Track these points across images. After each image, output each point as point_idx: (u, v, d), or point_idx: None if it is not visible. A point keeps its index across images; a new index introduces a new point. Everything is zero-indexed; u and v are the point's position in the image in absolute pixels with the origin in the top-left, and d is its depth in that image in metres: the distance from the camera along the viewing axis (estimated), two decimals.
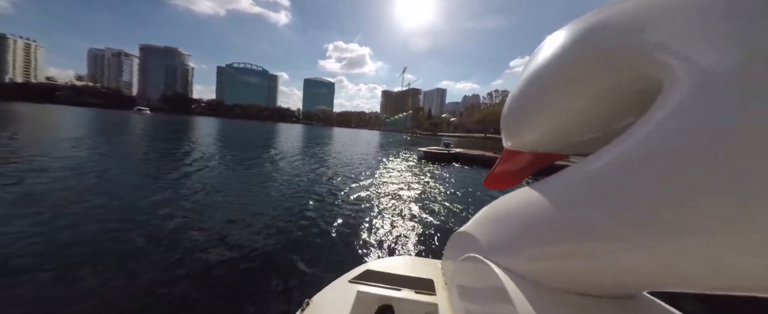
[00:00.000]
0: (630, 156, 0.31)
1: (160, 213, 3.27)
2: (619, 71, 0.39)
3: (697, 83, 0.26)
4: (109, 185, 4.28)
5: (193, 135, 15.11)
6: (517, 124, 0.61)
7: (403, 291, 0.78)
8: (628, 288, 0.39)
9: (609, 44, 0.39)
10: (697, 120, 0.25)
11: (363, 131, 79.67)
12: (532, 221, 0.43)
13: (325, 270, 2.28)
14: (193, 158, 7.65)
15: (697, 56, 0.27)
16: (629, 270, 0.31)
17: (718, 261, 0.24)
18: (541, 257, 0.40)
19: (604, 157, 0.34)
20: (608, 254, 0.31)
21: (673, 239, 0.25)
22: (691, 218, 0.24)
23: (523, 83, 0.57)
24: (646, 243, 0.27)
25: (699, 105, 0.26)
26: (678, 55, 0.29)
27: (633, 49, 0.36)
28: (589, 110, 0.46)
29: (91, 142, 8.85)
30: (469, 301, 0.58)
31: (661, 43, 0.32)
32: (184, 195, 4.07)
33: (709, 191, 0.23)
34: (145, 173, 5.34)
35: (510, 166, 0.71)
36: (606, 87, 0.42)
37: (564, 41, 0.48)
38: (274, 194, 4.57)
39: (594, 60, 0.42)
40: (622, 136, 0.33)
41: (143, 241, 2.58)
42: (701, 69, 0.27)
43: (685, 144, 0.25)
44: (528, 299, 0.38)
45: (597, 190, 0.33)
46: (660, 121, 0.29)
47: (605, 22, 0.41)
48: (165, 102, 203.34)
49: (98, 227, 2.79)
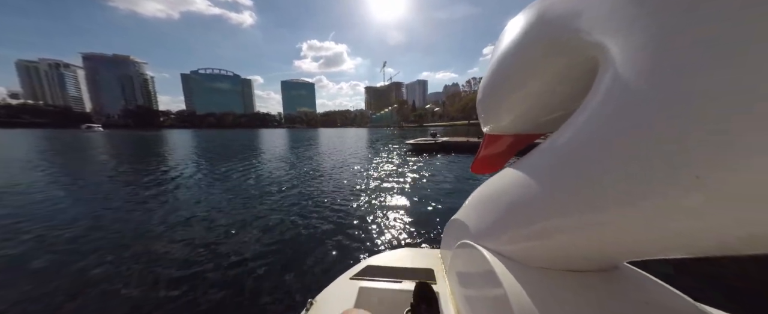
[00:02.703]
0: (580, 134, 0.33)
1: (170, 221, 3.26)
2: (566, 54, 0.41)
3: (624, 63, 0.28)
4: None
5: (163, 150, 13.60)
6: (490, 108, 0.63)
7: (405, 282, 0.79)
8: (606, 260, 0.40)
9: (554, 29, 0.42)
10: (626, 97, 0.27)
11: (349, 130, 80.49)
12: (511, 203, 0.45)
13: (326, 270, 2.27)
14: (168, 174, 6.87)
15: (623, 37, 0.29)
16: (600, 242, 0.32)
17: (672, 226, 0.25)
18: (524, 237, 0.41)
19: (561, 136, 0.36)
20: (577, 228, 0.32)
21: (625, 208, 0.27)
22: (635, 188, 0.25)
23: (490, 69, 0.59)
24: (607, 214, 0.29)
25: (626, 83, 0.27)
26: (608, 37, 0.31)
27: (572, 33, 0.38)
28: (549, 91, 0.49)
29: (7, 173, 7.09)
30: (466, 287, 0.59)
31: (595, 27, 0.34)
32: (172, 212, 3.79)
33: (639, 162, 0.25)
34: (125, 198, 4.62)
35: (493, 150, 0.73)
36: (559, 69, 0.44)
37: (519, 28, 0.51)
38: (264, 203, 4.26)
39: (545, 45, 0.45)
40: (574, 115, 0.35)
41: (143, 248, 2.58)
42: (626, 49, 0.28)
43: (620, 120, 0.27)
44: (517, 280, 0.39)
45: (558, 168, 0.35)
46: (599, 99, 0.31)
47: (550, 8, 0.44)
48: (128, 117, 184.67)
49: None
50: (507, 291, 0.37)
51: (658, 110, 0.24)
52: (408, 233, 2.98)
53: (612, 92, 0.29)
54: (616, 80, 0.29)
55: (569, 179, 0.33)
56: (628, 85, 0.27)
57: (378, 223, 3.28)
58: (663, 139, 0.23)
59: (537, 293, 0.37)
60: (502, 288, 0.38)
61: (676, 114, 0.22)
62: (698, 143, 0.21)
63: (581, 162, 0.31)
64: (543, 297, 0.36)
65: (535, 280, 0.39)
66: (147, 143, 19.65)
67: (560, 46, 0.42)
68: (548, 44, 0.44)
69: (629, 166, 0.26)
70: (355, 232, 3.01)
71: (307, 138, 27.59)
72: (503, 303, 0.37)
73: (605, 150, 0.28)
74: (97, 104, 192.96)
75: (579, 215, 0.31)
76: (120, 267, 2.28)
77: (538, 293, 0.37)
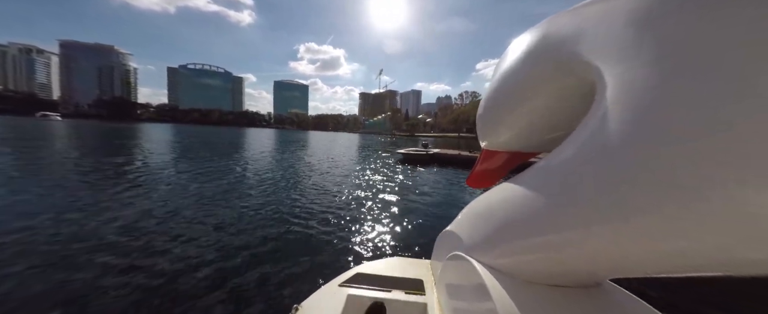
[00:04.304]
0: (575, 154, 0.33)
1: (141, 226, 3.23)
2: (565, 76, 0.43)
3: (619, 86, 0.29)
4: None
5: (138, 142, 13.01)
6: (490, 124, 0.64)
7: (394, 292, 0.77)
8: (591, 276, 0.41)
9: (556, 51, 0.44)
10: (621, 120, 0.28)
11: (341, 135, 74.83)
12: (504, 217, 0.46)
13: (314, 276, 2.27)
14: (142, 169, 6.90)
15: (618, 62, 0.30)
16: (586, 258, 0.33)
17: (652, 246, 0.26)
18: (514, 251, 0.43)
19: (556, 156, 0.38)
20: (565, 244, 0.33)
21: (611, 227, 0.28)
22: (622, 208, 0.27)
23: (492, 86, 0.60)
24: (592, 232, 0.29)
25: (621, 106, 0.28)
26: (605, 62, 0.32)
27: (573, 56, 0.39)
28: (548, 111, 0.51)
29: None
30: (455, 299, 0.59)
31: (593, 51, 0.35)
32: (163, 212, 3.82)
33: (630, 184, 0.26)
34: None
35: (489, 165, 0.73)
36: (558, 90, 0.47)
37: (521, 49, 0.53)
38: (250, 207, 4.10)
39: (544, 66, 0.47)
40: (570, 136, 0.36)
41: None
42: (621, 74, 0.30)
43: (613, 142, 0.28)
44: (505, 293, 0.40)
45: (551, 187, 0.36)
46: (595, 122, 0.31)
47: (553, 31, 0.46)
48: (102, 107, 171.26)
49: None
50: (495, 303, 0.38)
51: (645, 137, 0.25)
52: (399, 244, 2.97)
53: (606, 117, 0.30)
54: (610, 106, 0.29)
55: (562, 198, 0.34)
56: (619, 112, 0.28)
57: (370, 233, 3.23)
58: (649, 166, 0.24)
59: (524, 306, 0.37)
60: (491, 300, 0.39)
61: (662, 143, 0.23)
62: (681, 171, 0.22)
63: (573, 183, 0.32)
64: (530, 310, 0.37)
65: (524, 294, 0.40)
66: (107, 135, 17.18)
67: (560, 68, 0.43)
68: (549, 65, 0.46)
69: (617, 189, 0.27)
70: (346, 241, 2.91)
71: (298, 141, 25.88)
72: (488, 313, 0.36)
73: (597, 173, 0.29)
74: (66, 92, 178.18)
75: (569, 233, 0.32)
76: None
77: (525, 306, 0.38)
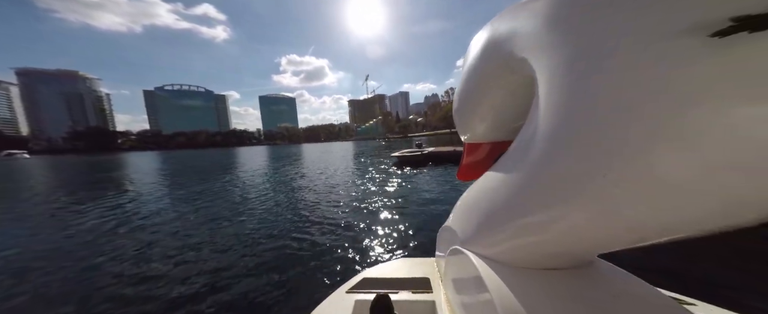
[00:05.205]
0: (528, 141, 0.36)
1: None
2: (511, 71, 0.46)
3: (547, 79, 0.32)
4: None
5: (121, 178, 11.79)
6: (464, 118, 0.67)
7: (401, 292, 0.79)
8: (577, 255, 0.42)
9: (498, 49, 0.47)
10: (551, 108, 0.30)
11: (334, 144, 76.16)
12: (488, 207, 0.47)
13: (322, 285, 2.32)
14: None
15: (546, 59, 0.33)
16: (566, 237, 0.34)
17: (617, 217, 0.27)
18: (503, 239, 0.43)
19: (516, 143, 0.40)
20: (543, 225, 0.34)
21: (574, 203, 0.29)
22: (566, 186, 0.28)
23: (461, 81, 0.63)
24: (561, 210, 0.31)
25: (549, 98, 0.31)
26: (535, 57, 0.35)
27: (510, 54, 0.42)
28: (509, 101, 0.53)
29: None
30: (460, 293, 0.60)
31: (525, 48, 0.38)
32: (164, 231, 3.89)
33: (567, 164, 0.28)
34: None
35: (473, 157, 0.76)
36: (513, 83, 0.49)
37: (476, 47, 0.55)
38: (251, 226, 4.11)
39: (495, 62, 0.49)
40: (524, 124, 0.39)
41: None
42: (549, 69, 0.32)
43: (551, 127, 0.30)
44: (501, 281, 0.41)
45: (517, 172, 0.38)
46: (536, 111, 0.34)
47: (495, 30, 0.48)
48: (77, 139, 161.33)
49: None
50: (492, 293, 0.39)
51: (569, 119, 0.28)
52: (401, 247, 3.00)
53: (543, 104, 0.32)
54: (544, 94, 0.32)
55: (525, 182, 0.36)
56: (552, 99, 0.30)
57: (373, 239, 3.29)
58: (579, 144, 0.27)
59: (520, 292, 0.38)
60: (487, 291, 0.40)
61: (582, 123, 0.26)
62: (601, 146, 0.25)
63: (531, 167, 0.34)
64: (526, 296, 0.38)
65: (518, 280, 0.41)
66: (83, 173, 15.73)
67: (505, 64, 0.46)
68: (498, 62, 0.48)
69: (566, 166, 0.28)
70: (349, 249, 2.97)
71: (290, 155, 25.30)
72: (489, 305, 0.38)
73: (544, 157, 0.31)
74: (34, 125, 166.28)
75: (537, 214, 0.34)
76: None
77: (521, 292, 0.38)
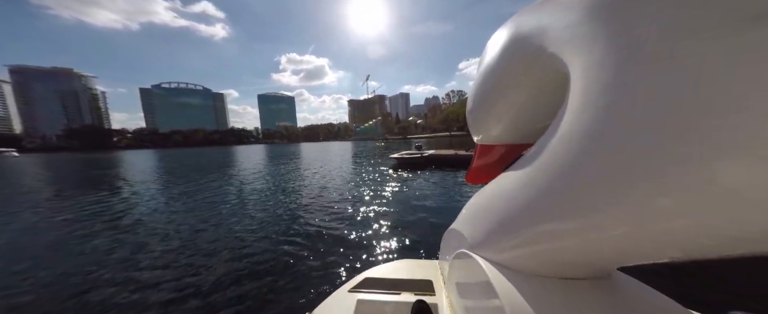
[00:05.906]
0: (556, 143, 0.33)
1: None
2: (538, 68, 0.44)
3: (584, 76, 0.30)
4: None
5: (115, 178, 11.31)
6: (479, 118, 0.65)
7: (403, 294, 0.78)
8: (598, 265, 0.40)
9: (525, 45, 0.45)
10: (590, 108, 0.29)
11: (333, 144, 75.28)
12: (502, 211, 0.45)
13: (324, 284, 2.34)
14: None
15: (584, 54, 0.31)
16: (587, 247, 0.32)
17: (648, 229, 0.25)
18: (516, 245, 0.41)
19: (541, 145, 0.37)
20: (562, 233, 0.33)
21: (601, 213, 0.27)
22: (606, 193, 0.26)
23: (477, 81, 0.61)
24: (586, 219, 0.29)
25: (589, 95, 0.29)
26: (571, 53, 0.33)
27: (540, 50, 0.40)
28: (531, 102, 0.51)
29: None
30: (465, 297, 0.58)
31: (558, 43, 0.36)
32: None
33: (600, 172, 0.26)
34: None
35: (486, 160, 0.74)
36: (536, 81, 0.47)
37: (496, 46, 0.54)
38: (251, 226, 4.14)
39: (519, 59, 0.47)
40: (551, 125, 0.36)
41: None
42: (587, 64, 0.30)
43: (584, 131, 0.29)
44: (513, 288, 0.39)
45: (539, 176, 0.36)
46: (570, 110, 0.32)
47: (521, 25, 0.47)
48: (72, 138, 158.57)
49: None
50: (503, 299, 0.37)
51: (613, 119, 0.26)
52: (401, 250, 3.02)
53: (580, 102, 0.30)
54: (581, 91, 0.30)
55: (550, 186, 0.34)
56: (591, 96, 0.29)
57: (374, 241, 3.27)
58: (623, 146, 0.24)
59: (533, 300, 0.37)
60: (498, 297, 0.38)
61: (626, 129, 0.24)
62: (644, 156, 0.22)
63: (559, 170, 0.32)
64: (539, 304, 0.36)
65: (531, 288, 0.39)
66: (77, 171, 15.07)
67: (532, 61, 0.44)
68: (522, 59, 0.47)
69: (606, 171, 0.26)
70: (351, 251, 3.02)
71: (288, 155, 24.95)
72: (499, 311, 0.37)
73: (576, 160, 0.29)
74: (28, 123, 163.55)
75: (562, 221, 0.32)
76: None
77: (534, 300, 0.37)
